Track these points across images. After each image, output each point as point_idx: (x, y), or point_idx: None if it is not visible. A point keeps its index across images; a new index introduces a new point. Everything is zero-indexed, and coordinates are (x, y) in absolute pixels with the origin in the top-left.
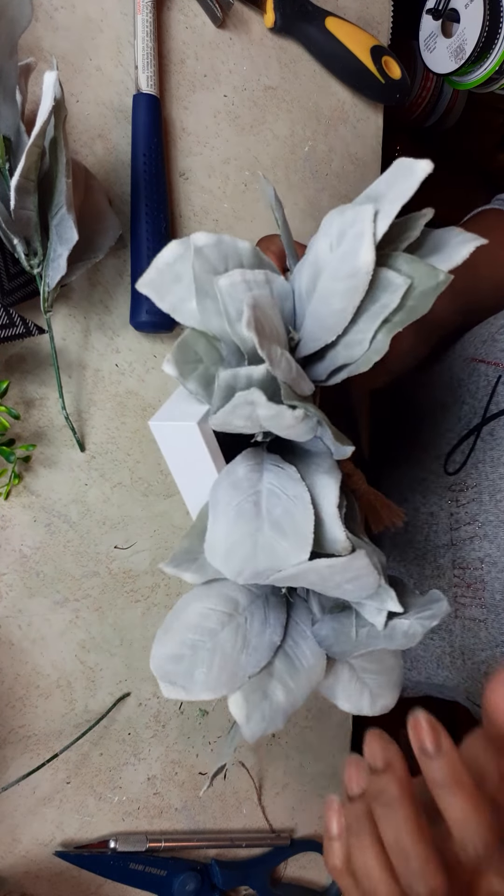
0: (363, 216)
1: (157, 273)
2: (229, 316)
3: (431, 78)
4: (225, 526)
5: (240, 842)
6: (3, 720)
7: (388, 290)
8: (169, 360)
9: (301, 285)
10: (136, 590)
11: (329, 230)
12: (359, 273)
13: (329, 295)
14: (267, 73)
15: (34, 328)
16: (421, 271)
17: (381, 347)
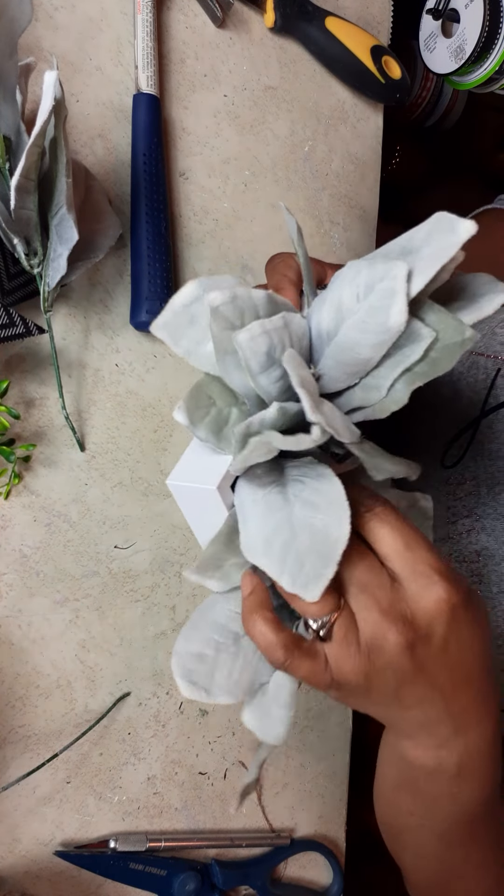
0: (395, 273)
1: (172, 315)
2: (251, 370)
3: (431, 78)
4: (256, 521)
5: (240, 842)
6: (3, 720)
7: (412, 339)
8: (181, 406)
9: (321, 325)
10: (136, 590)
11: (356, 280)
12: (389, 331)
13: (354, 344)
14: (267, 73)
15: (34, 328)
16: (448, 325)
17: (401, 398)
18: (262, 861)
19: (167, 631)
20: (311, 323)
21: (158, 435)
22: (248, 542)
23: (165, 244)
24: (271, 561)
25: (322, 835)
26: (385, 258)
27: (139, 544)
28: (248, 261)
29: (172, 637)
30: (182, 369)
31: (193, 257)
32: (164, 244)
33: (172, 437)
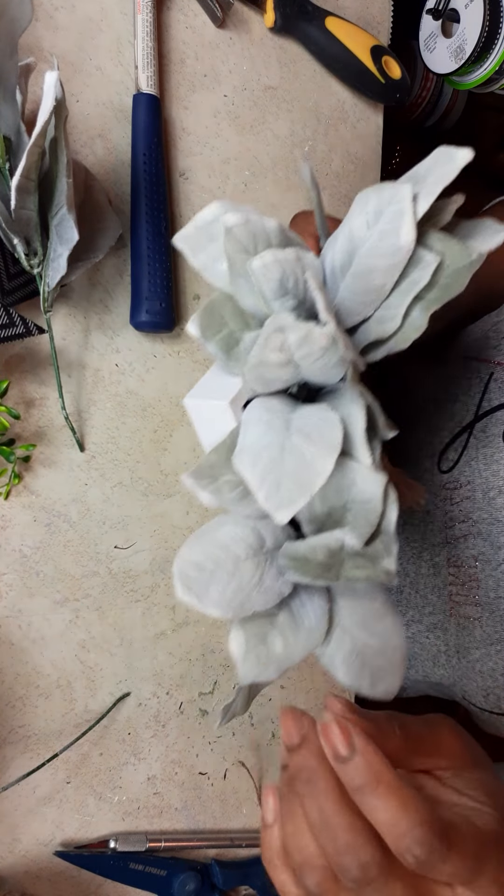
0: (402, 195)
1: (195, 230)
2: (264, 296)
3: (431, 78)
4: (255, 435)
5: (240, 842)
6: (3, 720)
7: (419, 266)
8: (193, 320)
9: (334, 261)
10: (136, 590)
11: (365, 207)
12: (400, 251)
13: (367, 271)
14: (267, 73)
15: (34, 328)
16: (453, 249)
17: (419, 325)
18: (261, 861)
19: (167, 631)
20: (325, 263)
21: (158, 435)
22: (240, 450)
23: (165, 244)
24: (253, 473)
25: None
26: (391, 184)
27: (139, 544)
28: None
29: (172, 637)
30: (182, 369)
31: None
32: (164, 244)
33: (172, 437)
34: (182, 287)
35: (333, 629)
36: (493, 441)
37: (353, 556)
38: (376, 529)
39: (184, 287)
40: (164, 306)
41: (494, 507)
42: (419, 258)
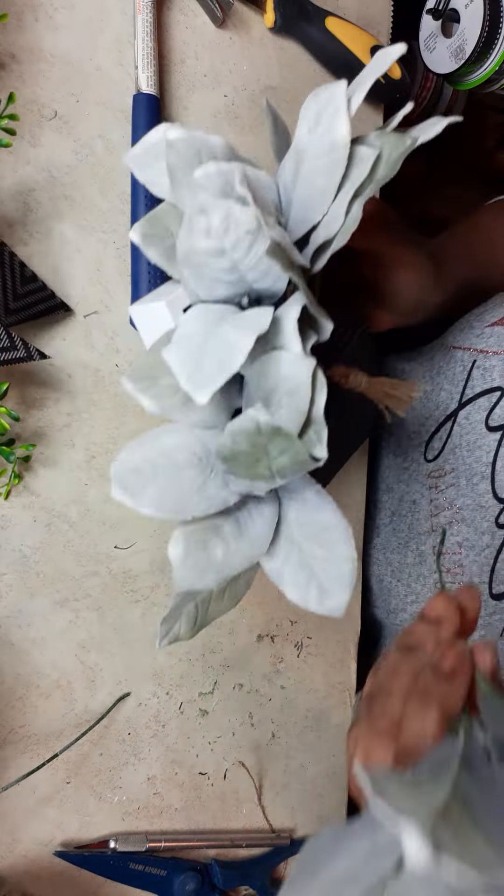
0: (336, 92)
1: (142, 150)
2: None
3: (431, 78)
4: (186, 329)
5: (240, 842)
6: (3, 720)
7: (358, 164)
8: (135, 228)
9: (286, 177)
10: (136, 590)
11: (306, 114)
12: (337, 146)
13: (312, 175)
14: (267, 73)
15: (35, 353)
16: (390, 139)
17: (356, 216)
18: (262, 861)
19: None
20: (279, 183)
21: None
22: (170, 343)
23: None
24: (176, 356)
25: None
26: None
27: (139, 544)
28: None
29: None
30: None
31: None
32: None
33: None
34: None
35: (279, 540)
36: (475, 427)
37: (275, 439)
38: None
39: None
40: None
41: (478, 493)
42: (359, 156)
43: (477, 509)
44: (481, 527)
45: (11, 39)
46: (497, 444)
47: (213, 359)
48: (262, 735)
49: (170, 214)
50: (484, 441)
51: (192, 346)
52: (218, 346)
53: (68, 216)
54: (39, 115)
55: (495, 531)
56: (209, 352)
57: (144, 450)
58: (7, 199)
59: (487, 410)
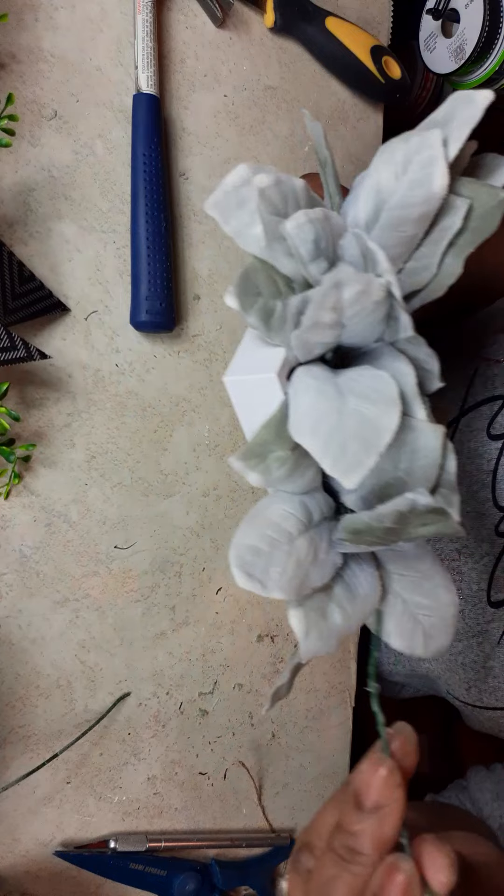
0: (432, 141)
1: (223, 195)
2: (302, 258)
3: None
4: (308, 402)
5: (240, 842)
6: (3, 720)
7: (449, 212)
8: (230, 291)
9: (358, 217)
10: (136, 590)
11: (393, 158)
12: (433, 198)
13: (398, 223)
14: (267, 73)
15: (36, 353)
16: (480, 192)
17: (453, 271)
18: (262, 861)
19: (167, 631)
20: (347, 221)
21: (158, 435)
22: (295, 421)
23: (165, 244)
24: (316, 441)
25: None
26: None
27: (139, 544)
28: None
29: (173, 637)
30: (182, 369)
31: (193, 257)
32: (164, 244)
33: (172, 437)
34: (182, 287)
35: (385, 594)
36: (477, 435)
37: (421, 514)
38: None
39: (184, 287)
40: (164, 306)
41: (478, 501)
42: (449, 204)
43: (477, 517)
44: (480, 534)
45: (11, 39)
46: (498, 452)
47: (356, 441)
48: (262, 735)
49: (258, 272)
50: (485, 449)
51: (330, 427)
52: (358, 427)
53: (68, 216)
54: (39, 115)
55: (495, 539)
56: (351, 433)
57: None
58: (7, 199)
59: (489, 419)
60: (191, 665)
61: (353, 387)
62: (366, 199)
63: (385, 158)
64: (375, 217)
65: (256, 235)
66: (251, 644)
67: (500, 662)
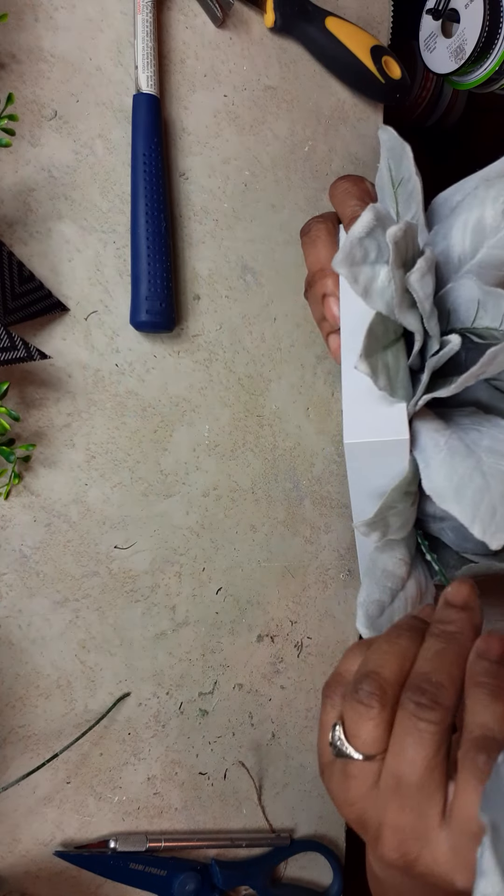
0: None
1: (351, 247)
2: (424, 311)
3: (431, 78)
4: (443, 466)
5: (240, 842)
6: (3, 720)
7: None
8: (361, 356)
9: (451, 251)
10: (136, 590)
11: (501, 195)
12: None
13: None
14: (267, 73)
15: (35, 353)
16: None
17: None
18: (262, 861)
19: (167, 631)
20: (437, 252)
21: (158, 435)
22: (436, 488)
23: (165, 244)
24: (463, 507)
25: (322, 835)
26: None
27: (139, 544)
28: (249, 261)
29: (172, 637)
30: (182, 369)
31: (193, 257)
32: (164, 244)
33: (172, 437)
34: (182, 287)
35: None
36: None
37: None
38: None
39: (184, 287)
40: (164, 306)
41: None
42: None
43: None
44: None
45: (11, 39)
46: None
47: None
48: (262, 735)
49: (379, 327)
50: None
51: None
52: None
53: (68, 216)
54: (39, 115)
55: None
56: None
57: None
58: (7, 199)
59: None
60: (191, 665)
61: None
62: (462, 233)
63: (493, 195)
64: (473, 253)
65: (380, 290)
66: (251, 644)
67: None
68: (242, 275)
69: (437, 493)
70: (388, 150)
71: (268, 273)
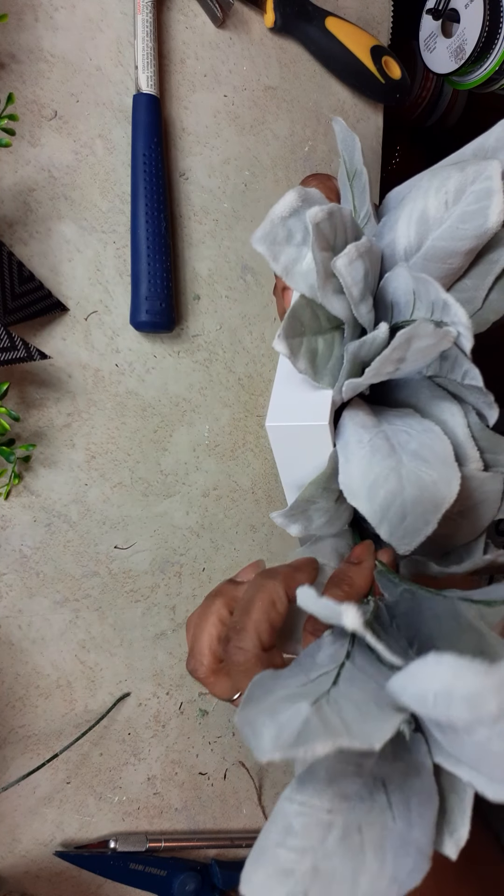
0: (489, 173)
1: (271, 226)
2: (353, 297)
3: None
4: (361, 463)
5: (240, 842)
6: (3, 720)
7: (499, 245)
8: (280, 335)
9: (396, 244)
10: (136, 590)
11: (444, 186)
12: (486, 233)
13: (445, 254)
14: (267, 73)
15: (35, 353)
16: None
17: (500, 307)
18: None
19: (167, 631)
20: (383, 245)
21: (158, 435)
22: (350, 484)
23: (165, 244)
24: (373, 507)
25: None
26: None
27: (139, 544)
28: (248, 261)
29: (172, 637)
30: (182, 369)
31: (193, 257)
32: (164, 244)
33: (172, 437)
34: (182, 287)
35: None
36: None
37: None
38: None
39: (184, 287)
40: (164, 306)
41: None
42: (498, 237)
43: None
44: None
45: (11, 39)
46: None
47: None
48: None
49: (305, 310)
50: None
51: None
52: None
53: (68, 216)
54: (39, 115)
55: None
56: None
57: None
58: (7, 199)
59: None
60: None
61: (405, 442)
62: (407, 224)
63: (436, 185)
64: (418, 245)
65: (304, 272)
66: None
67: None
68: (242, 275)
69: (349, 489)
70: (341, 143)
71: (268, 273)
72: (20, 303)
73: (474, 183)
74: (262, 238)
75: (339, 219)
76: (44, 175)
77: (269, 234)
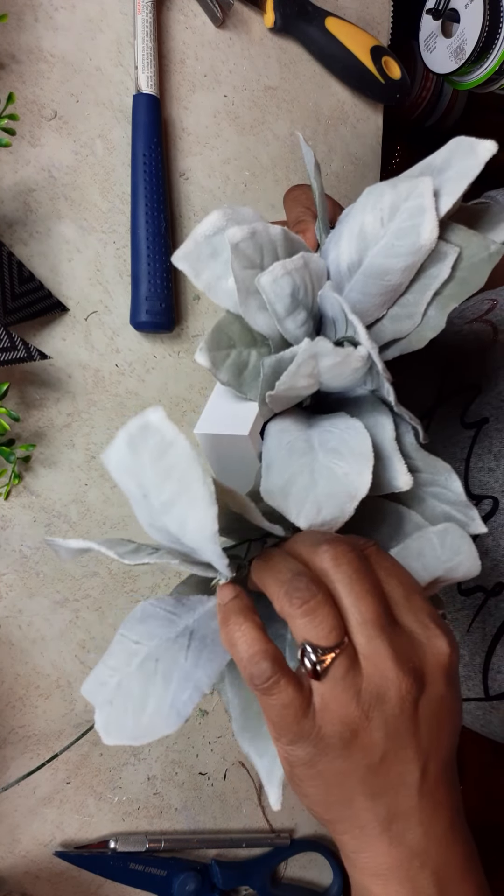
0: (421, 191)
1: (194, 245)
2: (277, 314)
3: (431, 78)
4: (280, 465)
5: (240, 842)
6: (3, 720)
7: (438, 259)
8: (202, 348)
9: (340, 260)
10: (136, 590)
11: (379, 203)
12: (420, 250)
13: (382, 272)
14: (267, 73)
15: (36, 353)
16: (471, 241)
17: (437, 324)
18: (262, 861)
19: None
20: (329, 261)
21: None
22: (267, 487)
23: (165, 244)
24: (288, 504)
25: (322, 835)
26: (407, 179)
27: None
28: None
29: None
30: (182, 369)
31: None
32: (164, 244)
33: None
34: (182, 287)
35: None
36: (451, 424)
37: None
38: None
39: (184, 287)
40: (164, 306)
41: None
42: (438, 252)
43: None
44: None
45: (11, 39)
46: (471, 440)
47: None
48: None
49: (231, 326)
50: (459, 437)
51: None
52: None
53: (68, 216)
54: (39, 115)
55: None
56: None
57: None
58: (7, 199)
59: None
60: None
61: (325, 441)
62: (349, 241)
63: (371, 201)
64: (359, 262)
65: (229, 289)
66: None
67: (468, 651)
68: None
69: (267, 493)
70: (305, 157)
71: None
72: (20, 303)
73: (407, 200)
74: (183, 256)
75: (265, 240)
76: (44, 175)
77: (191, 253)
